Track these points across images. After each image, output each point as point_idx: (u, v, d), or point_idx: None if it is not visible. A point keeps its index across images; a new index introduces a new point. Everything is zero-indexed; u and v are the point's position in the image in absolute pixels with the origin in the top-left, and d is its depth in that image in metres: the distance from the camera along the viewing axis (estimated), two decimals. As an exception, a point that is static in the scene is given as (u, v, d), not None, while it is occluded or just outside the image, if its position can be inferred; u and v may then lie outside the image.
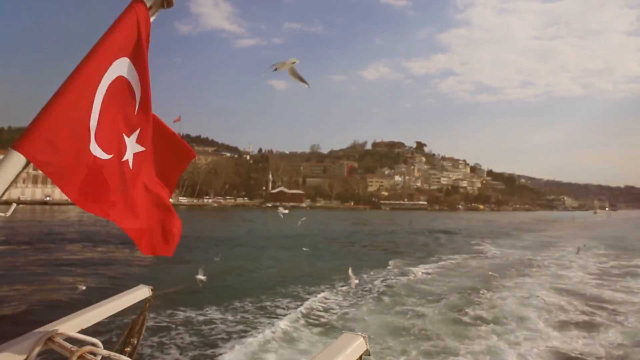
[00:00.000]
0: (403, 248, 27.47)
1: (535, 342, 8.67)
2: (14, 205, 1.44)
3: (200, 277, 11.11)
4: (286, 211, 17.75)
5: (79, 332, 1.71)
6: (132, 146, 1.70)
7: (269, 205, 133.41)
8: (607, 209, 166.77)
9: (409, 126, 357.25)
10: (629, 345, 8.81)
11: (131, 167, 1.71)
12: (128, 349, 2.03)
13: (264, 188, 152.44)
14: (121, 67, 1.57)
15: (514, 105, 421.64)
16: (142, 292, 2.17)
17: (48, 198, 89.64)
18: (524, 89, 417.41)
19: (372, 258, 21.91)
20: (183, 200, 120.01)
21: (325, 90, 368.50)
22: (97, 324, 1.89)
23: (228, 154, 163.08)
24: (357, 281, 12.41)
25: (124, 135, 1.66)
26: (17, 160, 1.24)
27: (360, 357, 1.55)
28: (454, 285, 14.31)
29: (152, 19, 1.67)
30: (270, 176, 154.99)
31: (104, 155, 1.54)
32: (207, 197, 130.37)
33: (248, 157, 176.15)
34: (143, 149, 1.76)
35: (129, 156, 1.69)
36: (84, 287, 12.38)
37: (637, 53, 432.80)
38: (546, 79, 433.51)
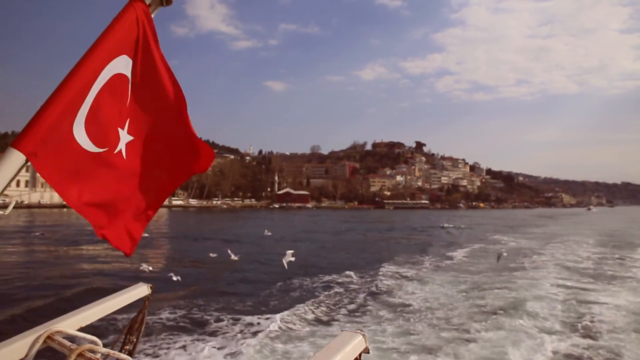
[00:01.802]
0: (412, 242, 30.92)
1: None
2: (13, 203, 1.44)
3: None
4: (292, 259, 15.08)
5: (78, 330, 1.72)
6: (124, 137, 1.74)
7: (276, 206, 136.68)
8: (591, 206, 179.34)
9: (407, 126, 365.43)
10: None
11: (124, 157, 1.74)
12: (127, 346, 2.03)
13: (269, 189, 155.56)
14: (119, 64, 1.60)
15: (510, 103, 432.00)
16: (141, 290, 2.17)
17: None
18: (519, 88, 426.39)
19: (368, 255, 22.23)
20: (193, 202, 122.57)
21: (322, 91, 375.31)
22: (97, 322, 1.90)
23: (232, 156, 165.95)
24: (292, 258, 13.01)
25: (118, 129, 1.70)
26: (16, 158, 1.26)
27: (360, 355, 1.54)
28: (457, 280, 14.43)
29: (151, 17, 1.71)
30: (276, 177, 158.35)
31: (95, 149, 1.55)
32: (216, 198, 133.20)
33: (250, 159, 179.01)
34: (132, 137, 1.79)
35: (121, 147, 1.72)
36: (83, 285, 12.53)
37: (630, 50, 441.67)
38: (541, 77, 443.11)
